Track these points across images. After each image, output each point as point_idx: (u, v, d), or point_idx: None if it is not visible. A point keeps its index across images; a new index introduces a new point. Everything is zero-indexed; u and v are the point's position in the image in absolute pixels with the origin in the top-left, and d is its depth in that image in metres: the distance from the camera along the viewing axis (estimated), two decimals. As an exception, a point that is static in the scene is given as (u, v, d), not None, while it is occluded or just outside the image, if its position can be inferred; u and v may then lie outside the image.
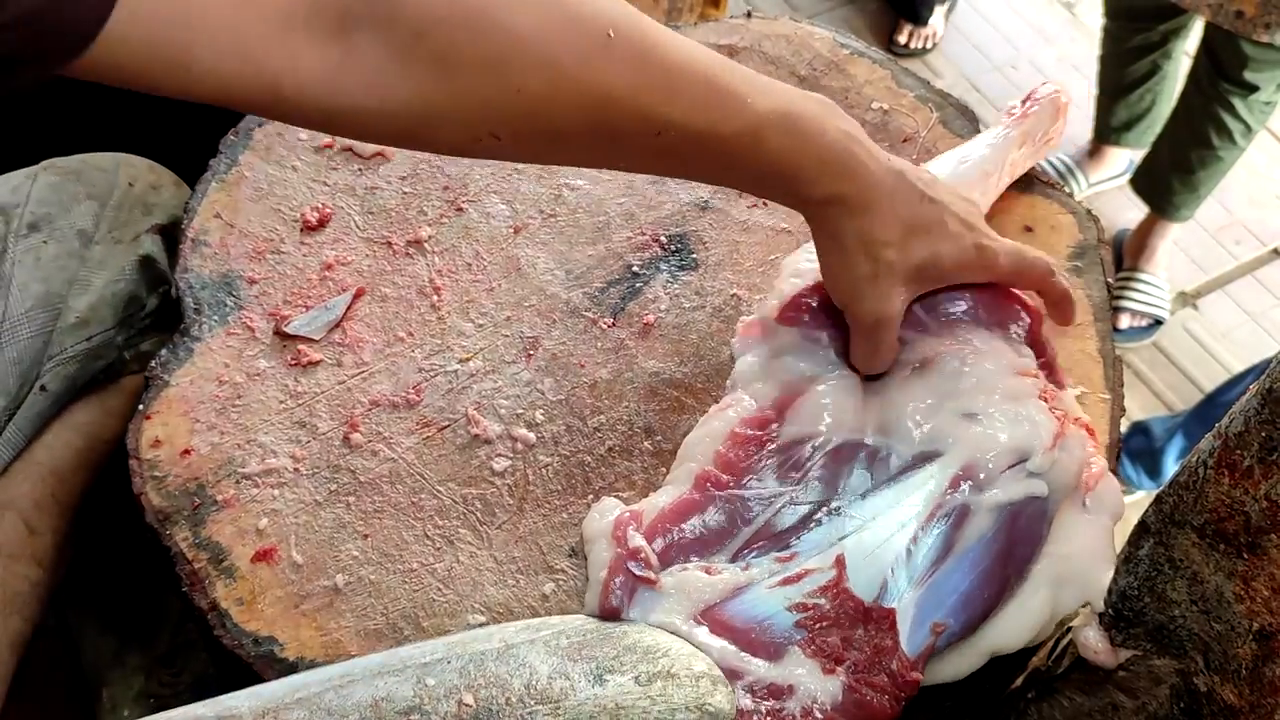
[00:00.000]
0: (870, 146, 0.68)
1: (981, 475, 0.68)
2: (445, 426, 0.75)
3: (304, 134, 0.89)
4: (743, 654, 0.64)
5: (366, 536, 0.71)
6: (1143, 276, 2.22)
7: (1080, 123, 2.44)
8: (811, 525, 0.68)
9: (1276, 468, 0.62)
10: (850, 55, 0.96)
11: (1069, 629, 0.83)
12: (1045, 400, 0.70)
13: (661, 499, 0.70)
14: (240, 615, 0.68)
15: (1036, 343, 0.75)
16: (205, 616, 0.68)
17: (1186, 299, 2.32)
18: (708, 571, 0.66)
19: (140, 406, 0.75)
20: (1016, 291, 0.76)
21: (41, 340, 0.81)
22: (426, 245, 0.84)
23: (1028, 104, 0.88)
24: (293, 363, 0.77)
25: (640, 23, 0.62)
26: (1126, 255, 2.26)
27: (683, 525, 0.68)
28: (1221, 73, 1.95)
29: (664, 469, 0.74)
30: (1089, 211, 0.86)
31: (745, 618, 0.65)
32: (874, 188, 0.68)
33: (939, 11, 2.61)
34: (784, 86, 0.67)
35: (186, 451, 0.73)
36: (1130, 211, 2.29)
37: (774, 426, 0.72)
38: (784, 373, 0.74)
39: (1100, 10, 2.18)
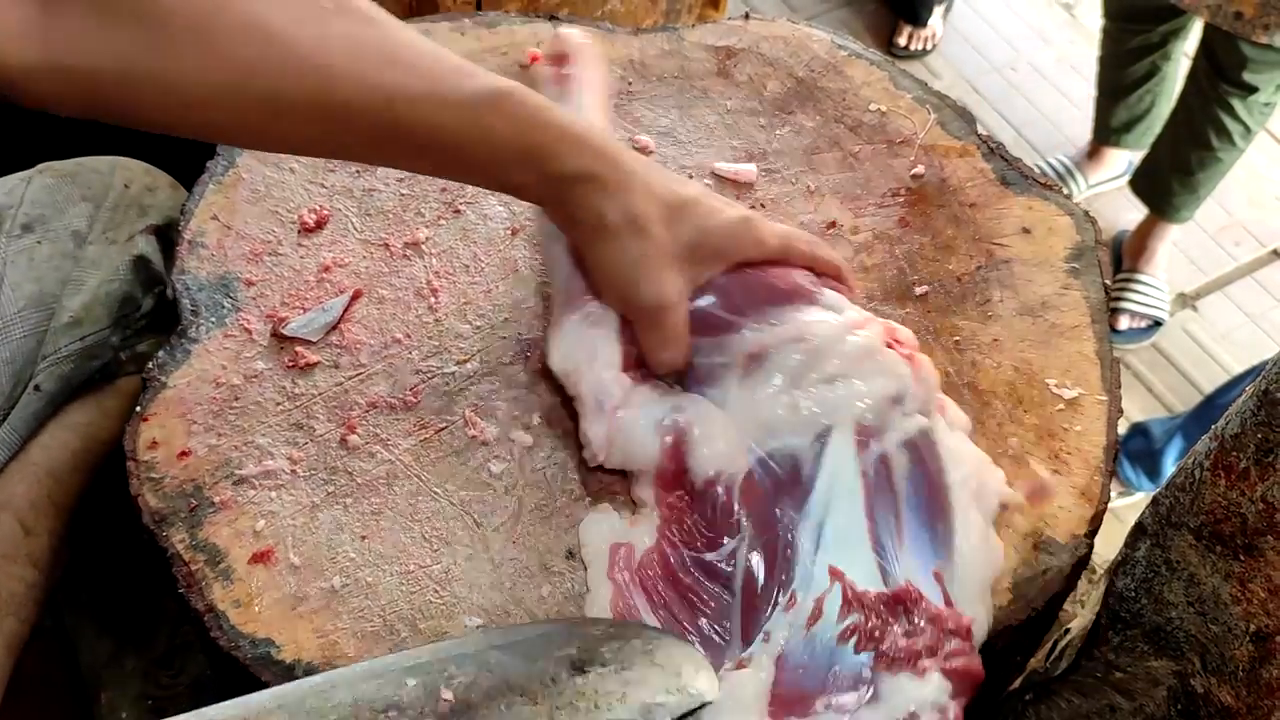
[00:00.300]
0: (610, 135, 0.67)
1: (876, 424, 0.69)
2: (443, 428, 0.75)
3: (301, 135, 0.88)
4: (844, 717, 0.61)
5: (364, 538, 0.71)
6: (1142, 278, 2.22)
7: (1079, 124, 2.44)
8: (784, 558, 0.67)
9: (1272, 469, 0.62)
10: (848, 57, 0.96)
11: (1067, 630, 0.83)
12: (890, 345, 0.71)
13: (644, 536, 0.69)
14: (237, 617, 0.68)
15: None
16: (202, 618, 0.68)
17: (1186, 300, 2.32)
18: (739, 665, 0.64)
19: (137, 408, 0.75)
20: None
21: (35, 340, 0.81)
22: (424, 247, 0.84)
23: (565, 63, 0.83)
24: (290, 364, 0.77)
25: (363, 1, 0.61)
26: (1126, 256, 2.26)
27: (668, 588, 0.67)
28: (1221, 74, 1.95)
29: (661, 471, 0.74)
30: (1086, 213, 0.86)
31: (812, 682, 0.63)
32: (627, 167, 0.66)
33: (937, 12, 2.62)
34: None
35: (184, 453, 0.73)
36: (1129, 213, 2.29)
37: (685, 476, 0.69)
38: (655, 424, 0.70)
39: (1099, 11, 2.18)
